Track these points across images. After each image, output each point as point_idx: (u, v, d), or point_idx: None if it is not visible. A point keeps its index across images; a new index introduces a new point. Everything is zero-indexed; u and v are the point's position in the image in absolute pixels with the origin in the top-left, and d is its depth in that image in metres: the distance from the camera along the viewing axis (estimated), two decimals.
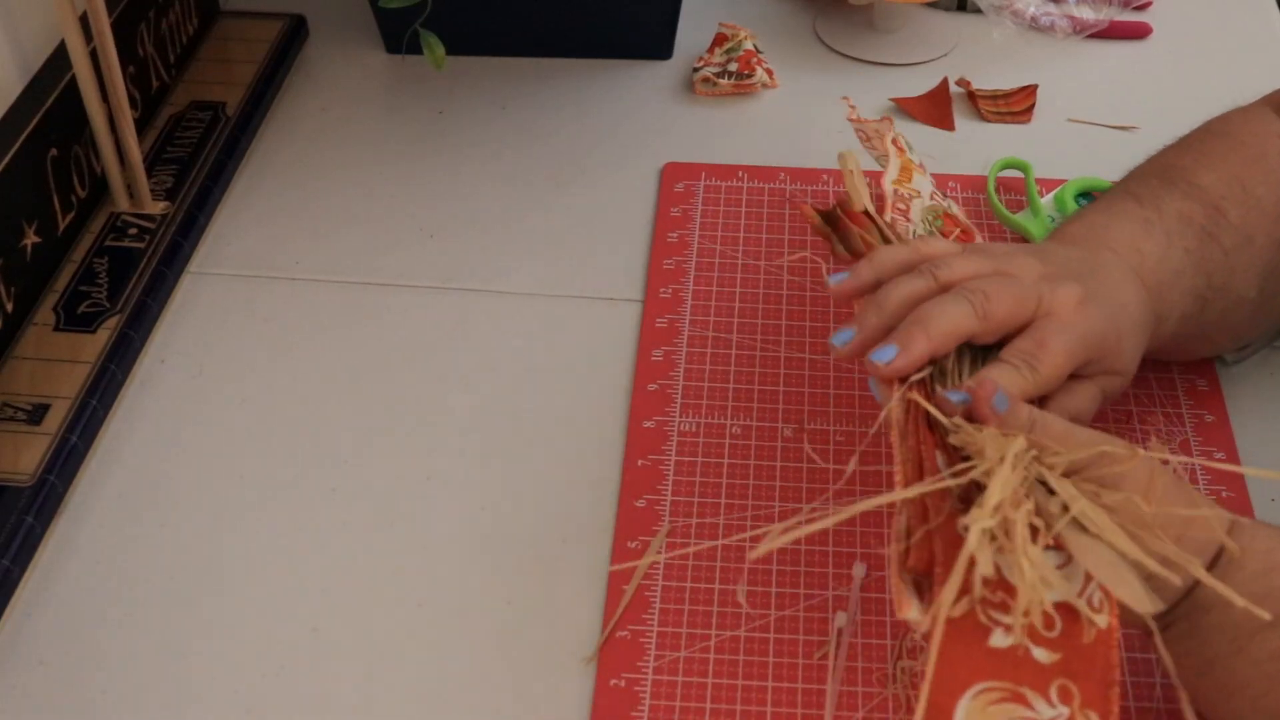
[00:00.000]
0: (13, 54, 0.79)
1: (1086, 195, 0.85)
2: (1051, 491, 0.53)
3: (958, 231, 0.78)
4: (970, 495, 0.53)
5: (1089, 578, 0.51)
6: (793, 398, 0.75)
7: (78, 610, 0.66)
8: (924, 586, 0.52)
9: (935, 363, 0.60)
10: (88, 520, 0.70)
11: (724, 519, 0.69)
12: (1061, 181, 0.86)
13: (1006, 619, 0.50)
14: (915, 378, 0.59)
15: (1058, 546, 0.52)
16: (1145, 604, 0.50)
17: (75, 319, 0.78)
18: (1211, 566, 0.54)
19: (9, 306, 0.76)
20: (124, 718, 0.62)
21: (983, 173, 0.88)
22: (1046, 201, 0.85)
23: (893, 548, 0.53)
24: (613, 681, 0.62)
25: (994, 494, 0.51)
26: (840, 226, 0.70)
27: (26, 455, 0.70)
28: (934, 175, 0.88)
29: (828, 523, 0.53)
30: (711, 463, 0.71)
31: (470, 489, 0.71)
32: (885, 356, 0.59)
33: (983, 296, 0.60)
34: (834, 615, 0.64)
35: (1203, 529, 0.54)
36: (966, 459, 0.55)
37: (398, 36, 0.97)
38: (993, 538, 0.50)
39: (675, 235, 0.85)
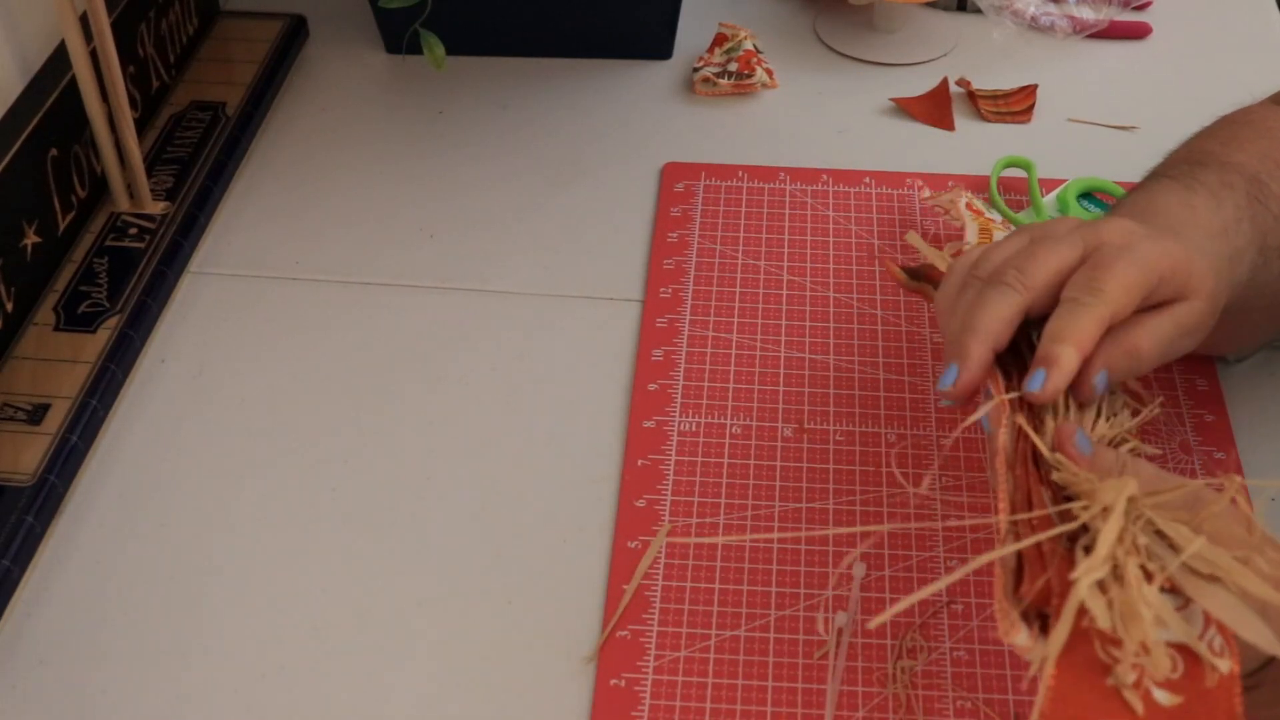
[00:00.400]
0: (13, 54, 0.79)
1: (1088, 195, 0.85)
2: (1163, 536, 0.51)
3: None
4: (1077, 534, 0.52)
5: (1209, 621, 0.49)
6: (793, 398, 0.75)
7: (78, 610, 0.66)
8: (1030, 617, 0.51)
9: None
10: (88, 520, 0.70)
11: (724, 519, 0.69)
12: (1062, 181, 0.86)
13: (1125, 655, 0.48)
14: (1013, 395, 0.56)
15: (1174, 590, 0.50)
16: (1275, 645, 0.48)
17: (75, 319, 0.78)
18: None
19: (9, 306, 0.76)
20: (124, 718, 0.62)
21: (983, 173, 0.88)
22: (1049, 201, 0.85)
23: (999, 573, 0.51)
24: (613, 681, 0.62)
25: (1104, 544, 0.49)
26: (931, 276, 0.69)
27: (26, 455, 0.70)
28: (934, 176, 0.88)
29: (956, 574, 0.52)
30: (711, 462, 0.71)
31: (470, 489, 0.71)
32: (948, 380, 0.56)
33: (1016, 271, 0.57)
34: (833, 615, 0.64)
35: None
36: (1069, 497, 0.53)
37: (398, 36, 0.97)
38: (1103, 586, 0.49)
39: (675, 235, 0.85)
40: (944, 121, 0.94)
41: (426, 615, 0.66)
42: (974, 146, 0.91)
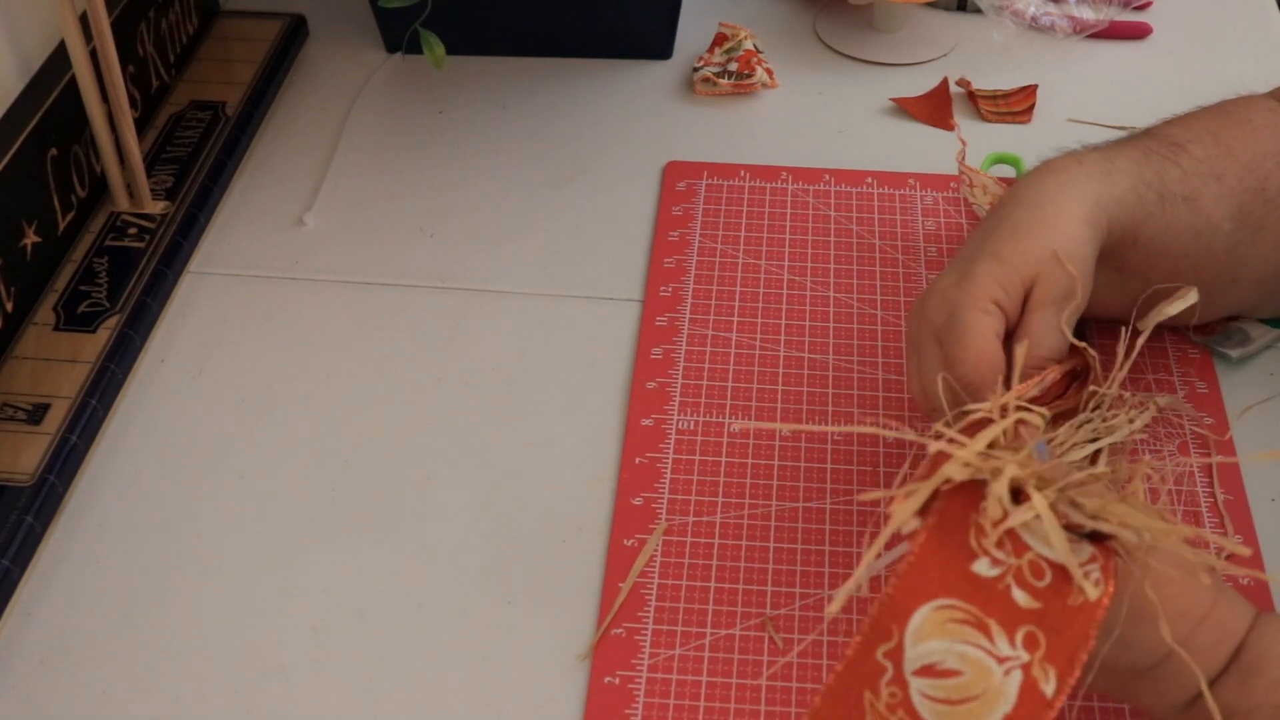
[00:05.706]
0: (13, 54, 0.79)
1: None
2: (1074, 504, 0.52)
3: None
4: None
5: (1094, 559, 0.51)
6: (792, 397, 0.75)
7: (78, 610, 0.66)
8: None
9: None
10: (88, 520, 0.70)
11: (721, 517, 0.69)
12: None
13: (997, 553, 0.50)
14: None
15: (1069, 528, 0.51)
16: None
17: (75, 319, 0.78)
18: (1230, 665, 0.51)
19: (9, 306, 0.76)
20: (124, 718, 0.62)
21: None
22: None
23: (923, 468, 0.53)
24: (607, 679, 0.62)
25: (984, 438, 0.51)
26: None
27: (26, 455, 0.70)
28: (934, 175, 0.88)
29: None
30: (709, 461, 0.71)
31: (469, 488, 0.72)
32: None
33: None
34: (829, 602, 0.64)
35: (1218, 623, 0.51)
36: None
37: (398, 36, 0.97)
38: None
39: (676, 234, 0.85)
40: (944, 121, 0.94)
41: (425, 614, 0.66)
42: (974, 147, 0.91)
